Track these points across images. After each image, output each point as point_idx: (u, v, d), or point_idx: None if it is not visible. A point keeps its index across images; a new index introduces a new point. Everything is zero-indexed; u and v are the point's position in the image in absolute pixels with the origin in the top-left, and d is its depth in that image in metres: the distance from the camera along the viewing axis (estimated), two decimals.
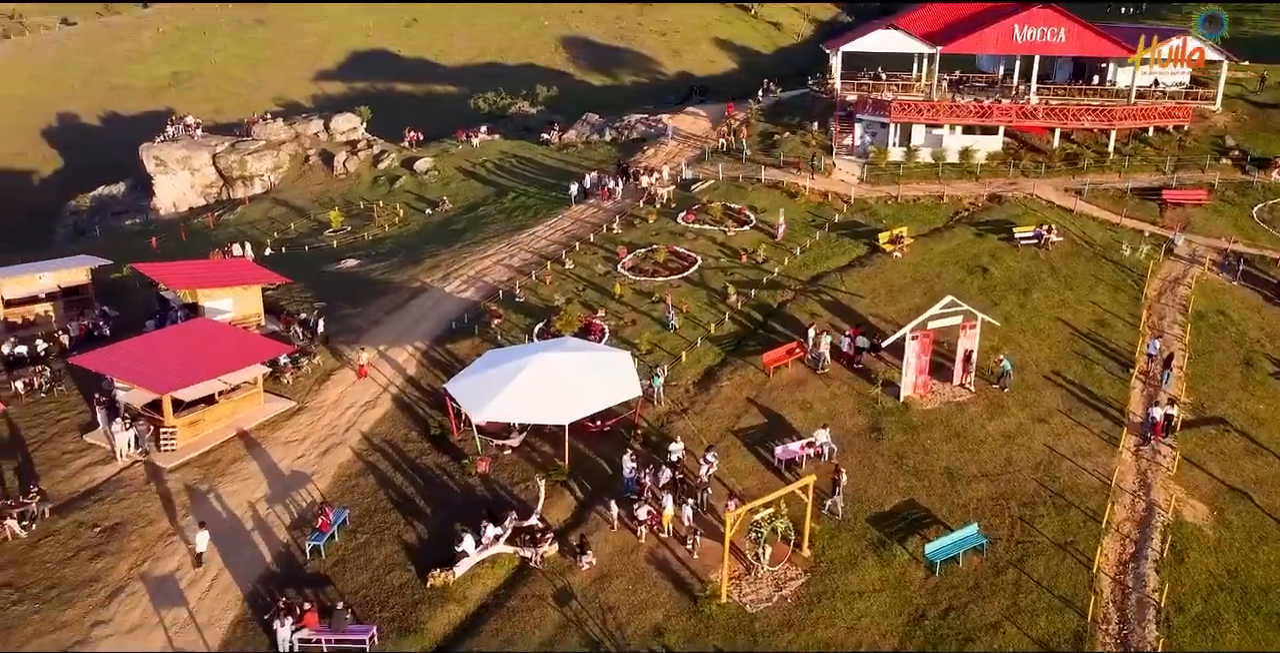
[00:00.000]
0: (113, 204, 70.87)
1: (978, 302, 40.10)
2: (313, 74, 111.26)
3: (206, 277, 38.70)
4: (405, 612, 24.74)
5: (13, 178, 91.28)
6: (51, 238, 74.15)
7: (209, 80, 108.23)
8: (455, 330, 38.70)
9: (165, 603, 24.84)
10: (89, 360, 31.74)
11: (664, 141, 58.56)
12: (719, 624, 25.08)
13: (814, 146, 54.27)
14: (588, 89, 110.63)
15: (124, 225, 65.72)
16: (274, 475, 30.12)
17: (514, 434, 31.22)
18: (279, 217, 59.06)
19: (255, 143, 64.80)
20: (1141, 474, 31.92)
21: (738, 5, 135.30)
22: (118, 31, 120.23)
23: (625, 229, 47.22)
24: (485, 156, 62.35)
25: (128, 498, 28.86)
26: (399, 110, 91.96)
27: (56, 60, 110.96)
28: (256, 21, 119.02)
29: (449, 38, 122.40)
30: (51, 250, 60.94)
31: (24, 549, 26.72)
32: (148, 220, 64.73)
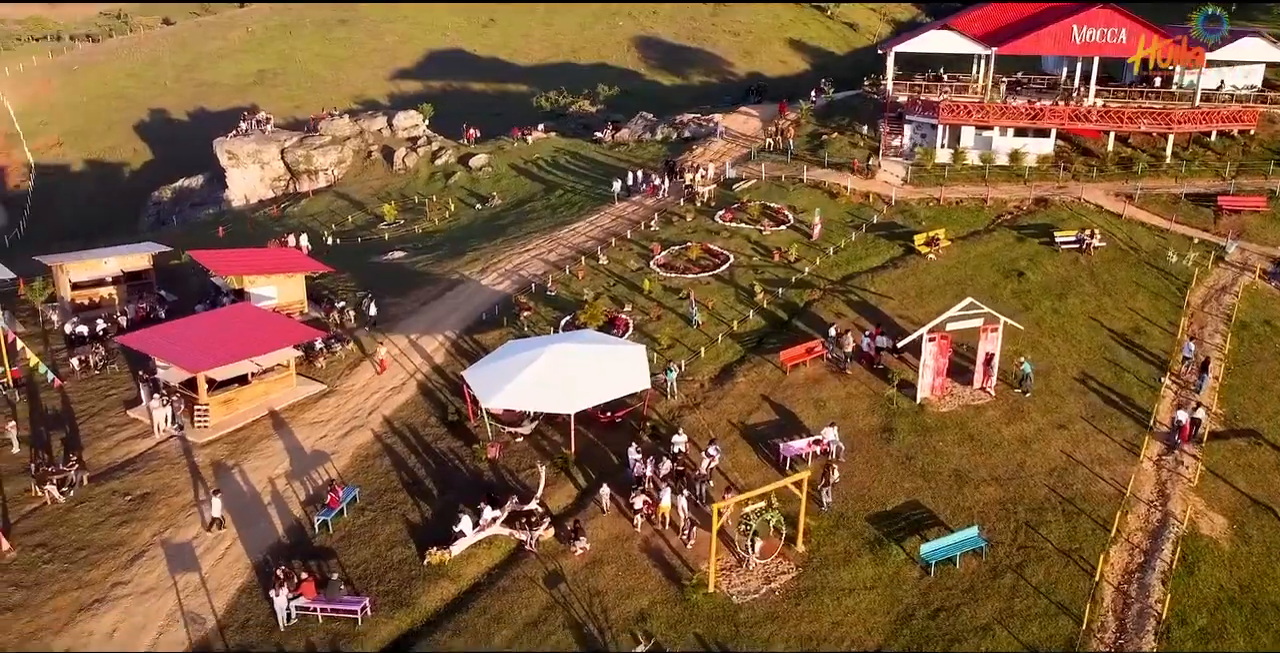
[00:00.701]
0: (191, 195, 74.23)
1: (1010, 305, 39.74)
2: (390, 72, 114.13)
3: (253, 264, 40.61)
4: (401, 587, 25.83)
5: (107, 170, 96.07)
6: (136, 226, 78.04)
7: (292, 78, 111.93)
8: (485, 321, 39.84)
9: (180, 568, 26.39)
10: (133, 340, 33.75)
11: (712, 141, 58.98)
12: (703, 613, 25.55)
13: (861, 148, 54.06)
14: (657, 88, 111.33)
15: (199, 216, 68.81)
16: (296, 454, 31.60)
17: (526, 422, 32.13)
18: (339, 209, 61.25)
19: (321, 138, 67.30)
20: (1161, 484, 31.31)
21: (813, 6, 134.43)
22: (210, 31, 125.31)
23: (663, 226, 47.86)
24: (538, 154, 63.65)
25: (159, 470, 30.64)
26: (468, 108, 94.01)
27: (151, 58, 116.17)
28: (340, 21, 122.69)
29: (524, 38, 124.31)
30: (135, 238, 64.21)
31: (60, 513, 28.62)
32: (220, 211, 67.72)
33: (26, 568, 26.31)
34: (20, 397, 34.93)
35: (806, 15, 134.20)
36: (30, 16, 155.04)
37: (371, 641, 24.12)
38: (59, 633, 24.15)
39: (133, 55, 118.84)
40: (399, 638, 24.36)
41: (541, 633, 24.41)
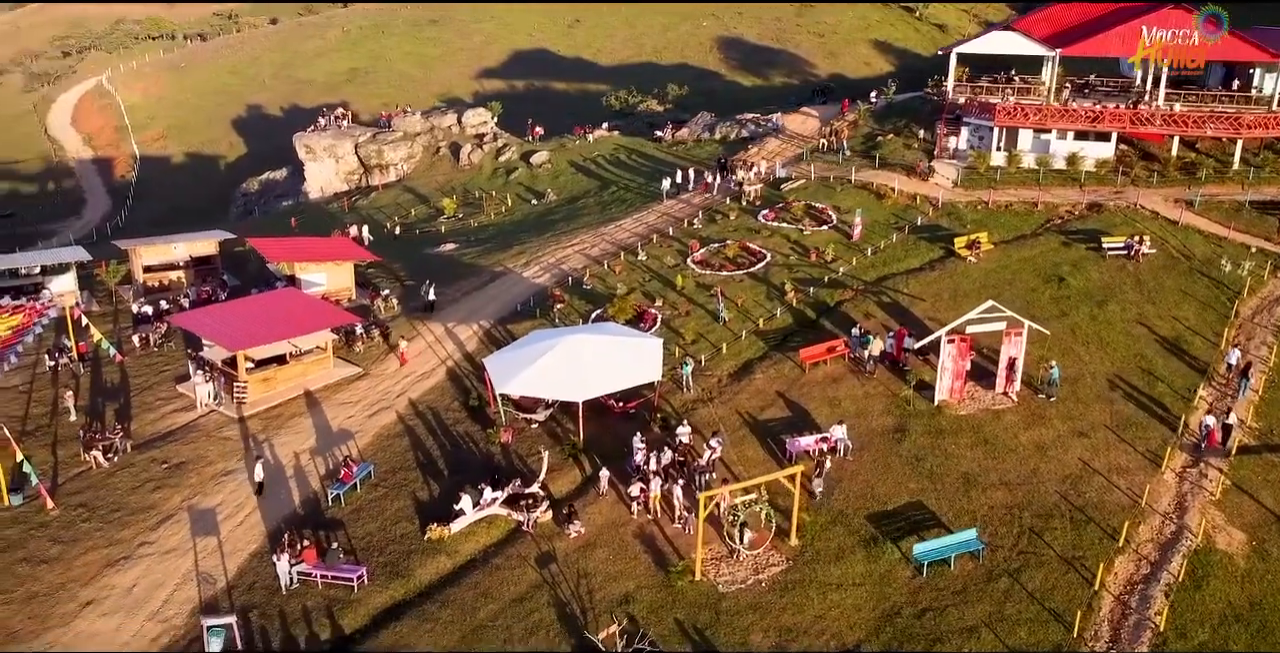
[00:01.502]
0: (275, 187, 77.76)
1: (1047, 311, 39.17)
2: (475, 72, 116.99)
3: (304, 252, 42.71)
4: (399, 559, 27.13)
5: (204, 162, 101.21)
6: (226, 216, 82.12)
7: (381, 76, 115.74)
8: (519, 312, 41.08)
9: (201, 532, 28.21)
10: (182, 319, 36.03)
11: (768, 140, 59.21)
12: (686, 600, 26.12)
13: (915, 149, 53.65)
14: (736, 89, 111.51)
15: (280, 207, 72.07)
16: (323, 431, 33.30)
17: (541, 409, 33.16)
18: (405, 203, 63.51)
19: (393, 134, 69.80)
20: (1180, 497, 30.62)
21: (902, 6, 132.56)
22: (309, 30, 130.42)
23: (706, 224, 48.42)
24: (598, 152, 64.83)
25: (196, 442, 32.68)
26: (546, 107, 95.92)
27: (252, 57, 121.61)
28: (431, 22, 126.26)
29: (608, 38, 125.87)
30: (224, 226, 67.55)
31: (102, 477, 30.83)
32: (297, 203, 70.83)
33: (66, 525, 28.47)
34: (84, 369, 37.54)
35: (894, 16, 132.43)
36: (148, 16, 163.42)
37: (365, 607, 25.43)
38: (85, 585, 26.14)
39: (235, 53, 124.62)
40: (391, 607, 25.61)
41: (525, 610, 25.36)
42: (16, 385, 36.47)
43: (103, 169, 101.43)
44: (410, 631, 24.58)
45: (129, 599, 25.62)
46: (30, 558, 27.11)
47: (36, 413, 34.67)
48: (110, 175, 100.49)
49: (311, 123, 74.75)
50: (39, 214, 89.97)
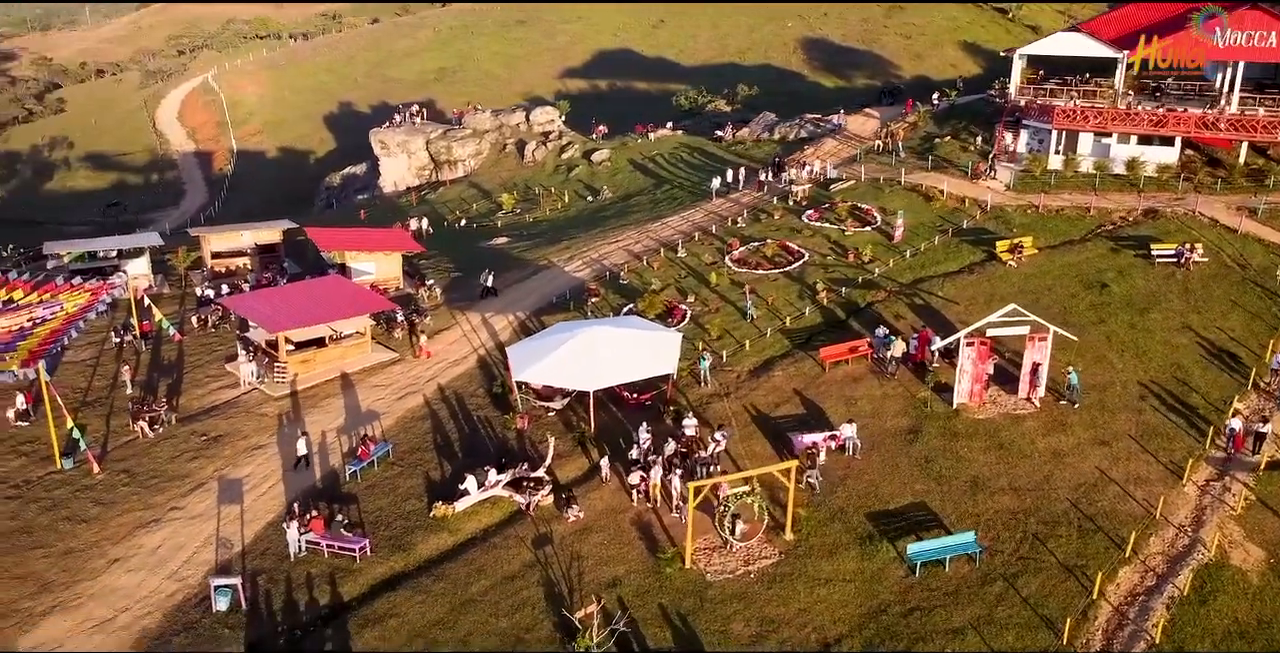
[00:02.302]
0: (355, 182, 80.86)
1: (1083, 317, 38.50)
2: (559, 71, 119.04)
3: (355, 242, 44.67)
4: (403, 534, 28.45)
5: (296, 157, 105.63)
6: (310, 209, 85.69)
7: (468, 75, 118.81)
8: (555, 304, 42.22)
9: (227, 501, 30.04)
10: (231, 301, 38.23)
11: (825, 141, 59.16)
12: (673, 586, 26.72)
13: (972, 152, 52.97)
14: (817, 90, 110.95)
15: (356, 200, 74.96)
16: (352, 412, 34.96)
17: (558, 398, 34.17)
18: (469, 197, 65.46)
19: (463, 131, 71.93)
20: (1199, 510, 29.91)
21: (994, 7, 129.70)
22: (403, 30, 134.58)
23: (749, 223, 48.80)
24: (658, 150, 65.66)
25: (235, 417, 34.69)
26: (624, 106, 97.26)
27: (347, 56, 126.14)
28: (519, 22, 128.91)
29: (692, 39, 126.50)
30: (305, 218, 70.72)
31: (146, 446, 33.02)
32: (372, 196, 73.60)
33: (108, 489, 30.66)
34: (146, 347, 40.08)
35: (986, 17, 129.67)
36: (256, 17, 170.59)
37: (364, 577, 26.81)
38: (116, 544, 28.17)
39: (332, 52, 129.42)
40: (389, 578, 26.91)
41: (514, 587, 26.36)
42: (85, 359, 39.18)
43: (203, 162, 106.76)
44: (403, 601, 25.82)
45: (153, 559, 27.52)
46: (72, 517, 29.32)
47: (98, 386, 37.21)
48: (209, 168, 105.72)
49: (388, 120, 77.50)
50: (142, 203, 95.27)
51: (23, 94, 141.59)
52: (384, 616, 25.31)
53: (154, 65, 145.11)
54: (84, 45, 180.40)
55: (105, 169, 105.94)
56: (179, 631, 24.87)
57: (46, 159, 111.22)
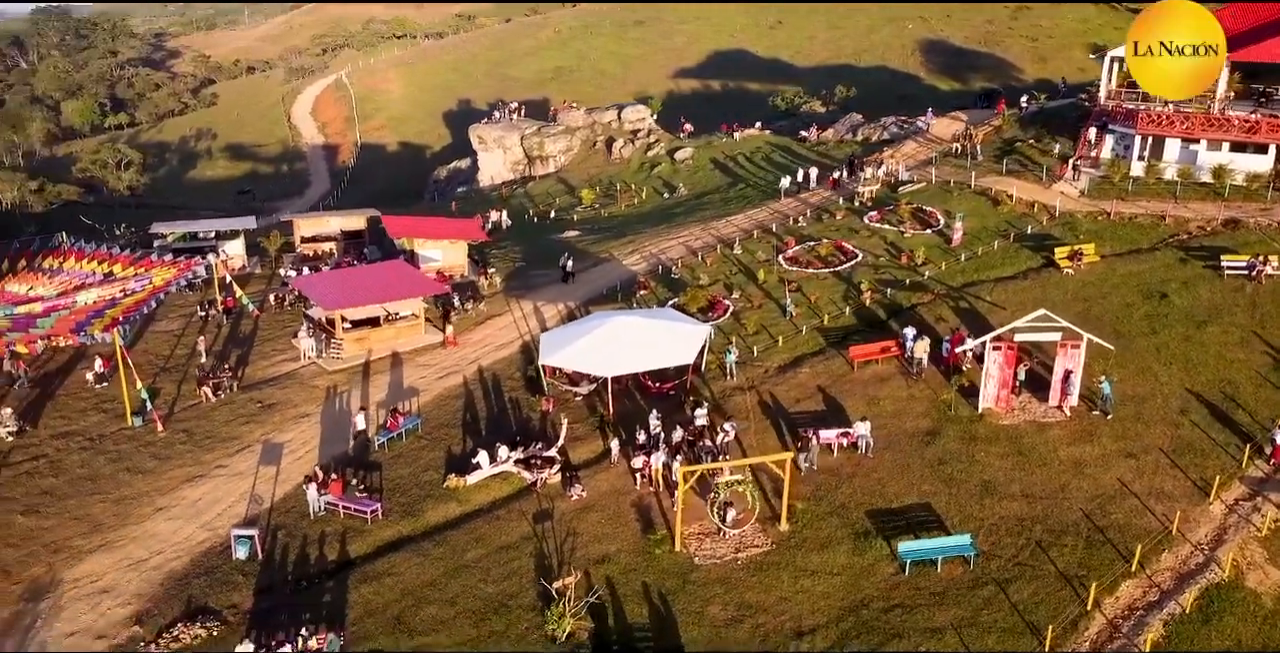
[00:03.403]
0: (459, 175, 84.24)
1: (1135, 327, 37.37)
2: (672, 71, 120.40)
3: (423, 230, 47.09)
4: (416, 501, 30.31)
5: (414, 151, 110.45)
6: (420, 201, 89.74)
7: (583, 74, 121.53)
8: (604, 295, 43.55)
9: (266, 462, 32.57)
10: (298, 281, 41.04)
11: (906, 143, 58.58)
12: (660, 566, 27.63)
13: (1053, 156, 51.62)
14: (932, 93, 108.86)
15: (455, 193, 78.17)
16: (395, 388, 37.16)
17: (585, 384, 35.47)
18: (554, 192, 67.55)
19: (556, 128, 74.11)
20: (1221, 529, 28.88)
21: (1129, 8, 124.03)
22: (526, 29, 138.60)
23: (811, 223, 48.98)
24: (740, 150, 66.19)
25: (290, 387, 37.38)
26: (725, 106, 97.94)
27: (471, 54, 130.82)
28: (637, 22, 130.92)
29: (809, 40, 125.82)
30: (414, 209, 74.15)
31: (208, 410, 36.00)
32: (469, 190, 76.65)
33: (166, 446, 33.65)
34: (226, 321, 43.42)
35: (1121, 18, 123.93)
36: (395, 17, 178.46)
37: (373, 538, 28.77)
38: (163, 495, 31.01)
39: (457, 51, 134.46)
40: (396, 540, 28.80)
41: (507, 557, 27.80)
42: (172, 330, 42.75)
43: (329, 154, 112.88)
44: (403, 561, 27.61)
45: (192, 510, 30.20)
46: (132, 468, 32.37)
47: (179, 354, 40.60)
48: (334, 160, 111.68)
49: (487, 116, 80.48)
50: (270, 192, 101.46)
51: (180, 89, 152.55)
52: (382, 574, 27.15)
53: (297, 63, 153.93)
54: (240, 44, 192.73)
55: (241, 159, 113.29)
56: (200, 574, 27.33)
57: (192, 149, 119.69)
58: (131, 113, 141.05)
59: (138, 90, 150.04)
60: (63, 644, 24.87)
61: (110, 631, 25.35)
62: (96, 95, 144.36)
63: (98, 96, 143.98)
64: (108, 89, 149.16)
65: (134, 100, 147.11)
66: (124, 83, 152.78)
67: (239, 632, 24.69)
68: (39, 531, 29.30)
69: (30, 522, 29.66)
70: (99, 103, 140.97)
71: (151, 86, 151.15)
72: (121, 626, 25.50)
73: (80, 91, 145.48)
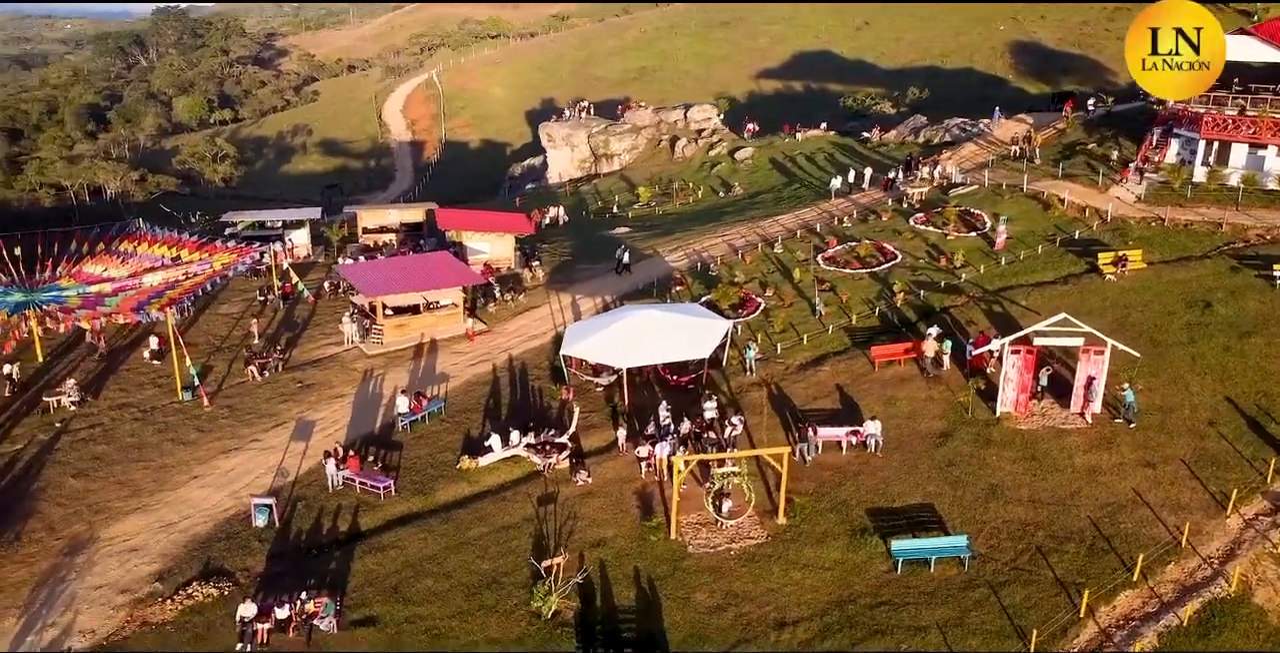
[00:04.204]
0: (532, 173, 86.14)
1: (1174, 336, 36.45)
2: (754, 72, 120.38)
3: (472, 223, 48.64)
4: (428, 480, 31.63)
5: (495, 148, 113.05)
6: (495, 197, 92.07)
7: (666, 74, 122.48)
8: (641, 290, 44.37)
9: (297, 438, 34.33)
10: (344, 269, 42.96)
11: (966, 145, 57.80)
12: (653, 553, 28.27)
13: (1115, 161, 50.36)
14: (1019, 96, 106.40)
15: (524, 189, 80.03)
16: (428, 373, 38.65)
17: (605, 375, 36.34)
18: (615, 189, 68.60)
19: (622, 126, 75.15)
20: (1235, 543, 28.14)
21: (1237, 9, 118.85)
22: (612, 30, 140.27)
23: (856, 224, 48.89)
24: (800, 150, 66.13)
25: (330, 369, 39.22)
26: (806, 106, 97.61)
27: (557, 54, 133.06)
28: (722, 23, 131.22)
29: (895, 42, 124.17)
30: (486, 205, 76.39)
31: (252, 388, 38.03)
32: (538, 186, 78.36)
33: (210, 419, 35.76)
34: (283, 305, 45.66)
35: (1228, 20, 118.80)
36: (490, 17, 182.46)
37: (384, 513, 30.15)
38: (200, 464, 33.01)
39: (544, 51, 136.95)
40: (405, 516, 30.11)
41: (507, 536, 28.83)
42: (232, 313, 45.17)
43: (415, 151, 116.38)
44: (408, 536, 28.90)
45: (224, 479, 32.10)
46: (175, 439, 34.52)
47: (235, 335, 42.90)
48: (419, 156, 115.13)
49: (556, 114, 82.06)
50: (356, 186, 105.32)
51: (283, 87, 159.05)
52: (387, 546, 28.48)
53: (394, 62, 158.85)
54: (344, 43, 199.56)
55: (333, 154, 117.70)
56: (221, 538, 29.11)
57: (289, 144, 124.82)
58: (236, 109, 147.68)
59: (244, 87, 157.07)
60: (90, 597, 26.87)
61: (134, 586, 27.24)
62: (206, 92, 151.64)
63: (207, 93, 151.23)
64: (217, 86, 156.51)
65: (240, 97, 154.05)
66: (232, 80, 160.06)
67: (247, 593, 26.26)
68: (85, 492, 31.57)
69: (79, 484, 31.96)
70: (208, 99, 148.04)
71: (257, 84, 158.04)
72: (144, 582, 27.37)
73: (192, 88, 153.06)
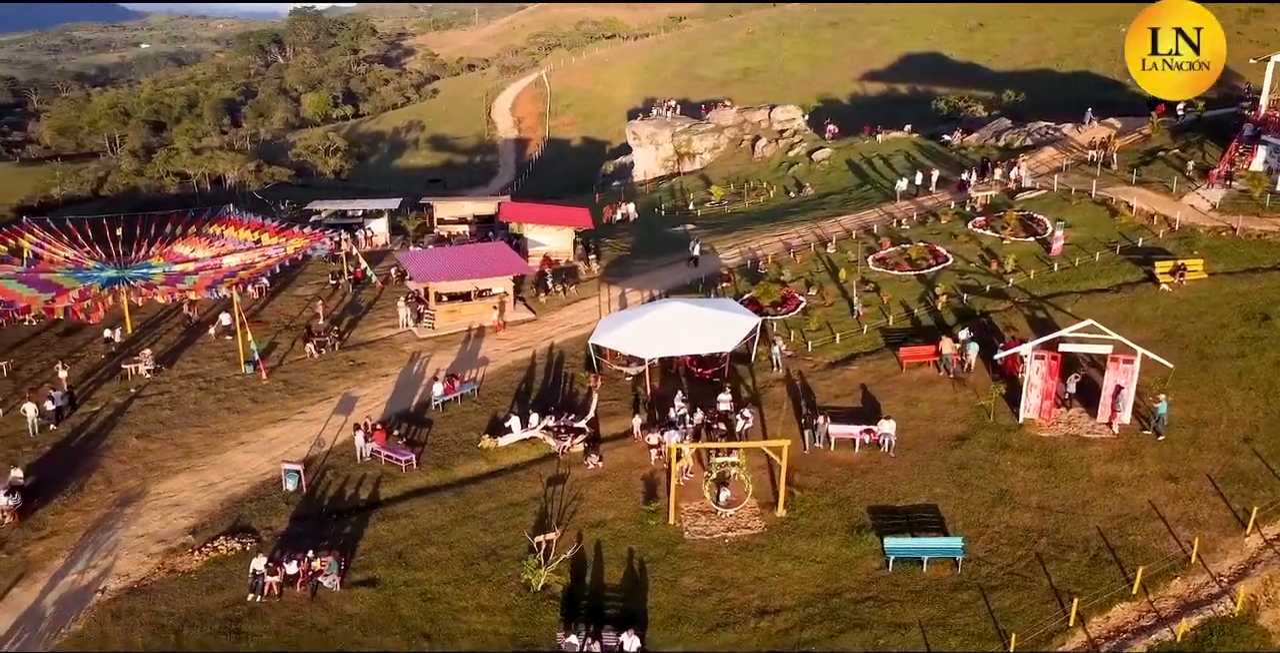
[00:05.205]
0: (623, 170, 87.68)
1: (1223, 349, 35.25)
2: (859, 73, 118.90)
3: (533, 216, 50.27)
4: (449, 456, 33.24)
5: (594, 146, 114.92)
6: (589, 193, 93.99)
7: (770, 75, 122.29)
8: (688, 285, 45.14)
9: (339, 412, 36.44)
10: (402, 256, 45.12)
11: (1045, 149, 56.34)
12: (649, 536, 29.13)
13: (1193, 168, 48.44)
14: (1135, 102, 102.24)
15: (611, 187, 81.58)
16: (469, 357, 40.37)
17: (634, 365, 37.31)
18: (692, 188, 69.33)
19: (706, 125, 75.73)
20: (1249, 561, 27.28)
21: None
22: (719, 30, 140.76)
23: (914, 226, 48.43)
24: (879, 151, 65.46)
25: (382, 350, 41.38)
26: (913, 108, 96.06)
27: (663, 54, 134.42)
28: (830, 24, 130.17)
29: (1010, 44, 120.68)
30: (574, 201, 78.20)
31: (308, 365, 40.45)
32: (624, 184, 79.73)
33: (265, 391, 38.28)
34: (351, 290, 48.24)
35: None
36: (607, 18, 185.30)
37: (403, 484, 31.87)
38: (248, 432, 35.43)
39: (652, 51, 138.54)
40: (422, 488, 31.77)
41: (513, 512, 30.14)
42: (306, 295, 47.93)
43: (519, 148, 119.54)
44: (420, 506, 30.56)
45: (266, 446, 34.44)
46: (231, 408, 37.12)
47: (305, 315, 45.58)
48: (523, 153, 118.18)
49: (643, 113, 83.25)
50: (459, 181, 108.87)
51: (405, 85, 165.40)
52: (400, 515, 30.18)
53: (509, 62, 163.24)
54: (467, 43, 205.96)
55: (441, 150, 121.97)
56: (253, 499, 31.35)
57: (402, 139, 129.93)
58: (358, 105, 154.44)
59: (368, 85, 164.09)
60: (131, 544, 29.43)
61: (170, 537, 29.67)
62: (332, 89, 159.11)
63: (333, 90, 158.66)
64: (343, 83, 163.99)
65: (364, 94, 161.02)
66: (358, 78, 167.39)
67: (265, 549, 28.32)
68: (144, 452, 34.37)
69: (140, 444, 34.80)
70: (333, 95, 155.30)
71: (380, 82, 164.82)
72: (180, 534, 29.76)
73: (320, 85, 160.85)
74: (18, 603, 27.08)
